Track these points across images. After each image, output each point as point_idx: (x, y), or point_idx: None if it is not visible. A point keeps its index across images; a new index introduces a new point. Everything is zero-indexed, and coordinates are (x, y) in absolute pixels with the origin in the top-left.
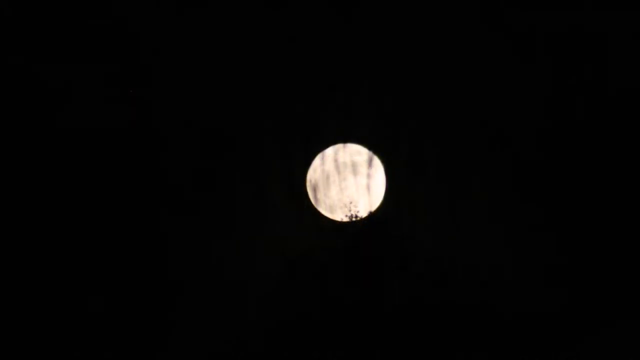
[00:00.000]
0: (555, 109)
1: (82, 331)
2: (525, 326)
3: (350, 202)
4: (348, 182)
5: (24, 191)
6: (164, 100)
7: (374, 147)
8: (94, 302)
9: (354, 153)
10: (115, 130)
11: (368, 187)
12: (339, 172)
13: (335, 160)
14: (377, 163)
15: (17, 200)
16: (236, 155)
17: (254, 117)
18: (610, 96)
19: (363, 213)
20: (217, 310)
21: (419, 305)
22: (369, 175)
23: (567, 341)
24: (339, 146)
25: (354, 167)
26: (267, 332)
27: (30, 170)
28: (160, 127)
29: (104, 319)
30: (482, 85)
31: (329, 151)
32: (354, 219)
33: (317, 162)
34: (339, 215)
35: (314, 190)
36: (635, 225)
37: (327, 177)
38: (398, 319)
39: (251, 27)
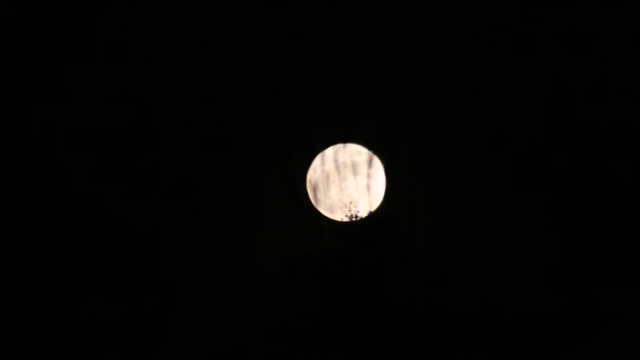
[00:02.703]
0: (555, 109)
1: (82, 331)
2: (525, 326)
3: (350, 202)
4: (348, 182)
5: (24, 191)
6: (164, 100)
7: (374, 147)
8: (93, 302)
9: (354, 153)
10: (115, 130)
11: (368, 187)
12: (339, 172)
13: (335, 160)
14: (377, 163)
15: (16, 200)
16: (236, 155)
17: (254, 117)
18: (610, 96)
19: (363, 213)
20: (217, 310)
21: (419, 305)
22: (369, 175)
23: (567, 341)
24: (339, 146)
25: (354, 167)
26: (267, 332)
27: (30, 170)
28: (160, 127)
29: (104, 318)
30: (482, 85)
31: (329, 151)
32: (354, 219)
33: (317, 162)
34: (339, 215)
35: (314, 190)
36: (635, 225)
37: (327, 177)
38: (398, 319)
39: (251, 27)
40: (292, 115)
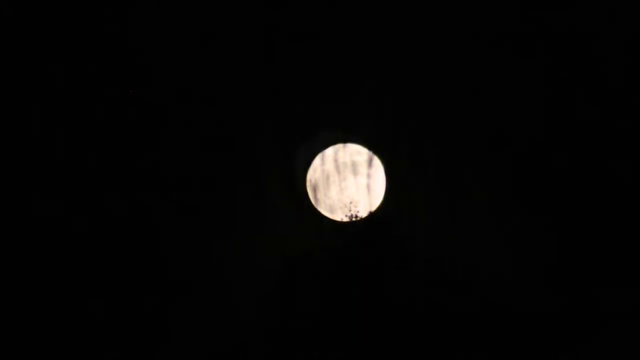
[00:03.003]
0: (555, 109)
1: (82, 331)
2: (525, 326)
3: (350, 202)
4: (348, 182)
5: (23, 191)
6: (164, 100)
7: (374, 147)
8: (93, 302)
9: (354, 153)
10: (115, 130)
11: (368, 187)
12: (339, 172)
13: (335, 160)
14: (377, 163)
15: (16, 201)
16: (236, 155)
17: (254, 117)
18: (610, 96)
19: (363, 213)
20: (217, 310)
21: (419, 305)
22: (369, 175)
23: (567, 341)
24: (339, 146)
25: (354, 167)
26: (267, 332)
27: (30, 170)
28: (160, 127)
29: (104, 319)
30: (482, 85)
31: (329, 151)
32: (354, 219)
33: (317, 162)
34: (339, 215)
35: (314, 190)
36: (635, 225)
37: (327, 177)
38: (398, 319)
39: (251, 27)
40: (292, 115)
